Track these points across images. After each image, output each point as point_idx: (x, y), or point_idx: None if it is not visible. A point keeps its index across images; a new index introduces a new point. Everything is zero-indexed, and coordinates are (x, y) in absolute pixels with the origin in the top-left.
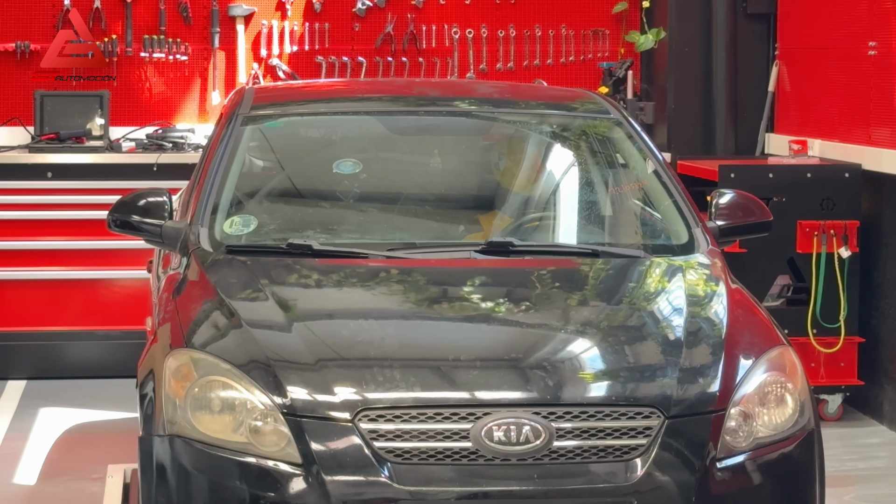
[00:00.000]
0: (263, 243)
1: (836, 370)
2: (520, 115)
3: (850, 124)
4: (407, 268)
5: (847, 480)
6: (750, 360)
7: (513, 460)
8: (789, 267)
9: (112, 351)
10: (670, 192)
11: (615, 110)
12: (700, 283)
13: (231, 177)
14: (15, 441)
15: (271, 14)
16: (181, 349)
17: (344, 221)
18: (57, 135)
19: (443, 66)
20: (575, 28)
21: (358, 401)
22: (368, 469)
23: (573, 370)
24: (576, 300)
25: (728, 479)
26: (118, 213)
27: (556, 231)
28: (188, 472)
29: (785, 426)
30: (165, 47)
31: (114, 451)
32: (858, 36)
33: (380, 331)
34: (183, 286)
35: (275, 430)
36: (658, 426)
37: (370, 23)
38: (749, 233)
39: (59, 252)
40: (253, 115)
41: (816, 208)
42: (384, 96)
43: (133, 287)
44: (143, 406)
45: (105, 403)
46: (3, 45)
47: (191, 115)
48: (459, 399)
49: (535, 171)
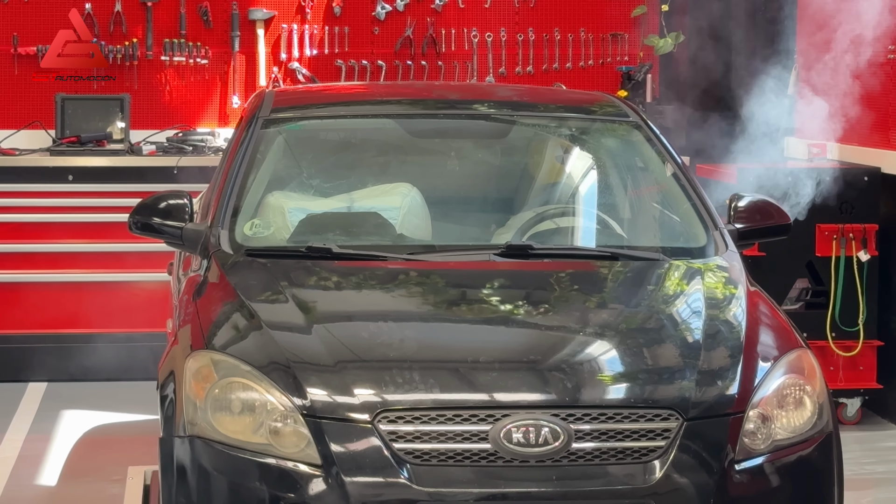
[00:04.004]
0: (283, 246)
1: (855, 374)
2: (538, 118)
3: (869, 128)
4: (426, 270)
5: (865, 484)
6: (768, 362)
7: (531, 462)
8: (808, 270)
9: (133, 354)
10: (689, 195)
11: (634, 113)
12: (718, 285)
13: (251, 179)
14: (36, 443)
15: (291, 18)
16: (201, 351)
17: (364, 223)
18: (78, 138)
19: (462, 69)
20: (594, 32)
21: (377, 402)
22: (388, 470)
23: (592, 372)
24: (594, 303)
25: (746, 482)
26: (139, 215)
27: (574, 234)
28: (208, 472)
29: (803, 429)
30: (186, 51)
31: (134, 453)
32: (878, 39)
33: (399, 333)
34: (203, 288)
35: (294, 432)
36: (676, 428)
37: (389, 26)
38: (767, 236)
39: (80, 255)
40: (273, 118)
41: (835, 212)
42: (403, 99)
43: (154, 290)
44: (163, 407)
45: (126, 406)
46: (24, 49)
47: (211, 119)
48: (478, 401)
49: (554, 175)
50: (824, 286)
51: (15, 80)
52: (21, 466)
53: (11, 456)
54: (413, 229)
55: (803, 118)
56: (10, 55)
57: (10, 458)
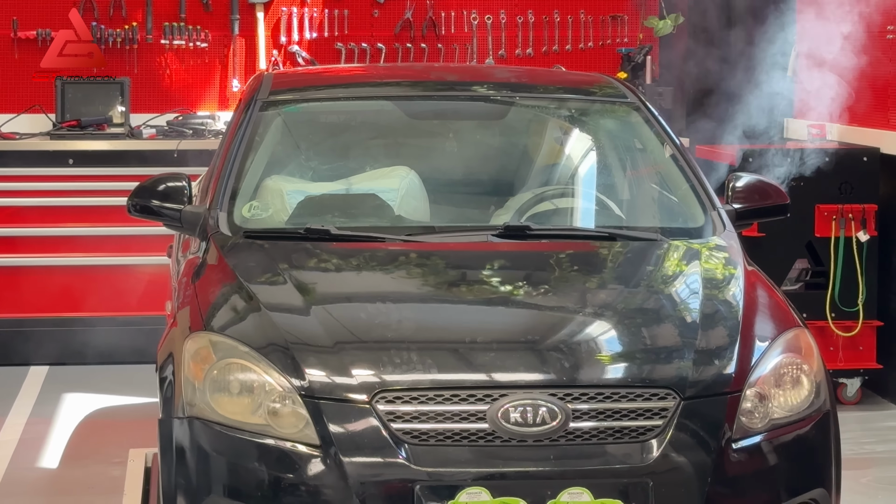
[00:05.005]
0: (282, 228)
1: (855, 354)
2: (537, 99)
3: (868, 109)
4: (424, 251)
5: (865, 463)
6: (766, 341)
7: (529, 441)
8: (808, 251)
9: (133, 336)
10: (687, 176)
11: (632, 95)
12: (716, 265)
13: (250, 161)
14: (38, 426)
15: (291, 1)
16: (200, 332)
17: (362, 205)
18: (78, 122)
19: (462, 52)
20: (594, 14)
21: (375, 383)
22: (386, 450)
23: (589, 352)
24: (592, 283)
25: (743, 460)
26: (138, 197)
27: (573, 215)
28: (207, 453)
29: (800, 407)
30: (185, 35)
31: (135, 436)
32: (877, 20)
33: (397, 313)
34: (202, 270)
35: (293, 412)
36: (674, 407)
37: (389, 9)
38: (765, 216)
39: (80, 238)
40: (272, 100)
41: (835, 192)
42: (402, 81)
43: (154, 273)
44: (162, 389)
45: (127, 388)
46: (24, 33)
47: (211, 102)
48: (476, 381)
49: (553, 156)
50: (824, 267)
51: (15, 64)
52: (23, 449)
53: (13, 439)
54: (411, 211)
55: (803, 99)
56: (10, 39)
57: (12, 440)
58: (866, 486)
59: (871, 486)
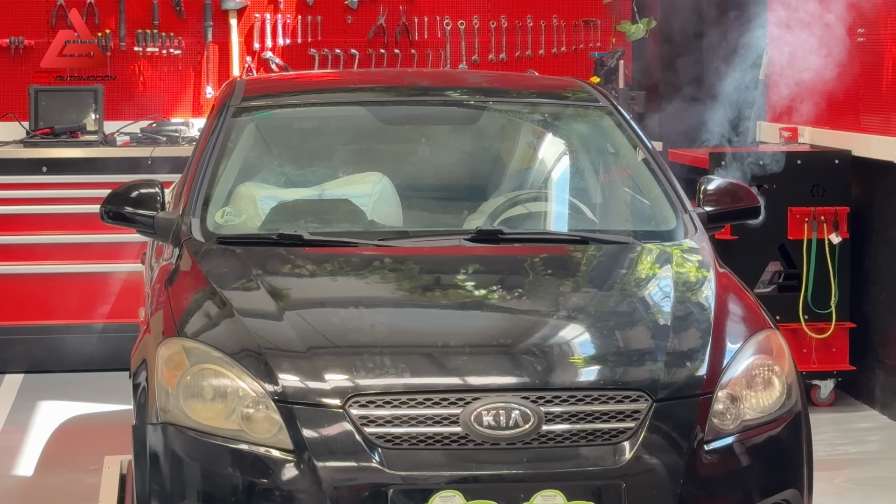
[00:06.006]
0: (254, 233)
1: (828, 356)
2: (510, 103)
3: (839, 111)
4: (397, 256)
5: (839, 464)
6: (737, 343)
7: (502, 444)
8: (780, 253)
9: (108, 344)
10: (659, 180)
11: (604, 99)
12: (688, 268)
13: (222, 168)
14: (13, 434)
15: (264, 7)
16: (173, 338)
17: (335, 210)
18: (52, 129)
19: (435, 57)
20: (566, 18)
21: (348, 387)
22: (359, 455)
23: (562, 355)
24: (565, 286)
25: (716, 461)
26: (111, 204)
27: (545, 218)
28: (181, 459)
29: (772, 408)
30: (159, 41)
31: (110, 443)
32: (848, 24)
33: (370, 318)
34: (175, 276)
35: (266, 417)
36: (646, 409)
37: (362, 15)
38: (737, 218)
39: (54, 246)
40: (244, 107)
41: (807, 195)
42: (375, 86)
43: (129, 280)
44: (136, 395)
45: (101, 396)
46: None
47: (185, 109)
48: (449, 384)
49: (525, 160)
50: (797, 269)
51: None
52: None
53: None
54: (384, 216)
55: (775, 102)
56: None
57: None
58: (839, 486)
59: (844, 486)
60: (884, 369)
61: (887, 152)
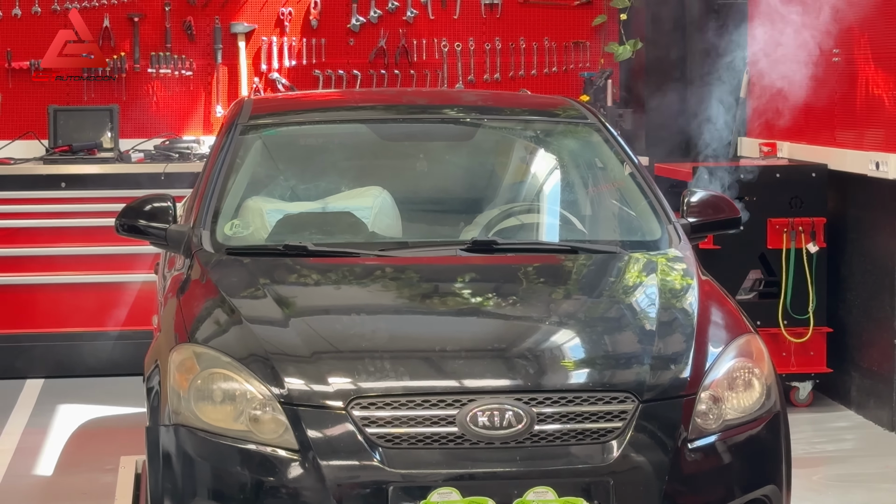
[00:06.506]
0: (262, 245)
1: (806, 359)
2: (503, 121)
3: (816, 127)
4: (397, 265)
5: (817, 462)
6: (719, 347)
7: (496, 444)
8: (761, 262)
9: (124, 350)
10: (644, 192)
11: (593, 116)
12: (672, 276)
13: (231, 182)
14: (33, 436)
15: (271, 31)
16: (185, 344)
17: (337, 223)
18: (70, 147)
19: (433, 77)
20: (557, 40)
21: (351, 390)
22: (361, 454)
23: (553, 359)
24: (556, 294)
25: (699, 459)
26: (125, 217)
27: (538, 229)
28: (192, 459)
29: (752, 409)
30: (171, 63)
31: (126, 444)
32: (823, 44)
33: (371, 324)
34: (187, 285)
35: (273, 419)
36: (632, 410)
37: (364, 38)
38: (719, 229)
39: (72, 258)
40: (251, 125)
41: (785, 206)
42: (375, 105)
43: (142, 290)
44: (149, 398)
45: (118, 399)
46: (18, 63)
47: (196, 127)
48: (446, 387)
49: (518, 174)
50: (776, 277)
51: (9, 94)
52: (19, 458)
53: (9, 448)
54: (384, 228)
55: (754, 119)
56: (4, 70)
57: (9, 450)
58: (817, 483)
59: (822, 483)
60: (859, 371)
61: (861, 166)
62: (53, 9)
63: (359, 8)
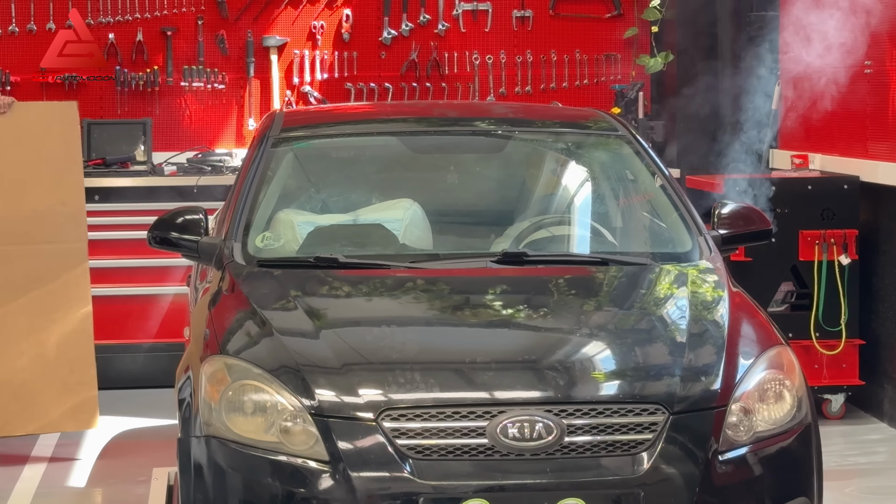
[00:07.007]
0: (293, 257)
1: (839, 371)
2: (533, 133)
3: (848, 139)
4: (427, 277)
5: (849, 474)
6: (750, 358)
7: (527, 455)
8: (792, 274)
9: (156, 362)
10: (675, 204)
11: (624, 128)
12: (703, 287)
13: (262, 195)
14: (67, 447)
15: (303, 44)
16: (216, 356)
17: (368, 235)
18: (103, 160)
19: (464, 90)
20: (589, 53)
21: (381, 401)
22: (392, 465)
23: (583, 370)
24: (586, 305)
25: (730, 471)
26: (157, 230)
27: (568, 241)
28: (223, 470)
29: (783, 421)
30: (204, 77)
31: (158, 456)
32: (855, 56)
33: (401, 336)
34: (218, 297)
35: (304, 430)
36: (663, 422)
37: (395, 51)
38: (749, 241)
39: (106, 270)
40: (283, 137)
41: (817, 218)
42: (406, 117)
43: (174, 302)
44: (181, 410)
45: (150, 411)
46: (52, 78)
47: (228, 140)
48: (476, 398)
49: (549, 186)
50: (808, 289)
51: None
52: (52, 470)
53: (44, 459)
54: (415, 240)
55: (786, 131)
56: (39, 84)
57: (43, 461)
58: (849, 495)
59: (854, 495)
60: (892, 384)
61: (893, 177)
62: (87, 23)
63: (390, 21)
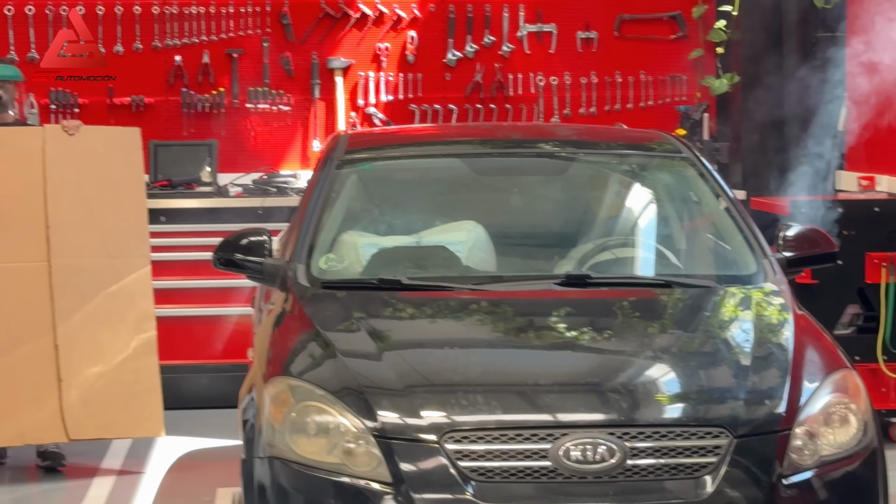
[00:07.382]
0: (356, 278)
1: None
2: (597, 154)
3: None
4: (490, 299)
5: None
6: (815, 382)
7: (589, 478)
8: (859, 297)
9: (222, 383)
10: (740, 226)
11: (688, 150)
12: (768, 310)
13: (327, 217)
14: (133, 466)
15: (367, 66)
16: (280, 377)
17: (432, 257)
18: (170, 181)
19: (528, 111)
20: (653, 74)
21: (444, 423)
22: (454, 487)
23: (646, 393)
24: (650, 328)
25: (794, 496)
26: (222, 251)
27: (632, 264)
28: (287, 491)
29: (849, 445)
30: (269, 98)
31: (222, 476)
32: None
33: (464, 358)
34: (282, 319)
35: (366, 452)
36: (727, 445)
37: (460, 72)
38: (815, 263)
39: (172, 291)
40: (347, 159)
41: (884, 241)
42: (470, 139)
43: (239, 323)
44: (244, 430)
45: (215, 431)
46: (119, 100)
47: (293, 162)
48: (539, 421)
49: (612, 208)
50: (875, 311)
51: None
52: (118, 489)
53: (110, 478)
54: (478, 262)
55: (852, 152)
56: (106, 106)
57: (109, 480)
58: None
59: None
60: None
61: None
62: (154, 45)
63: (455, 43)
